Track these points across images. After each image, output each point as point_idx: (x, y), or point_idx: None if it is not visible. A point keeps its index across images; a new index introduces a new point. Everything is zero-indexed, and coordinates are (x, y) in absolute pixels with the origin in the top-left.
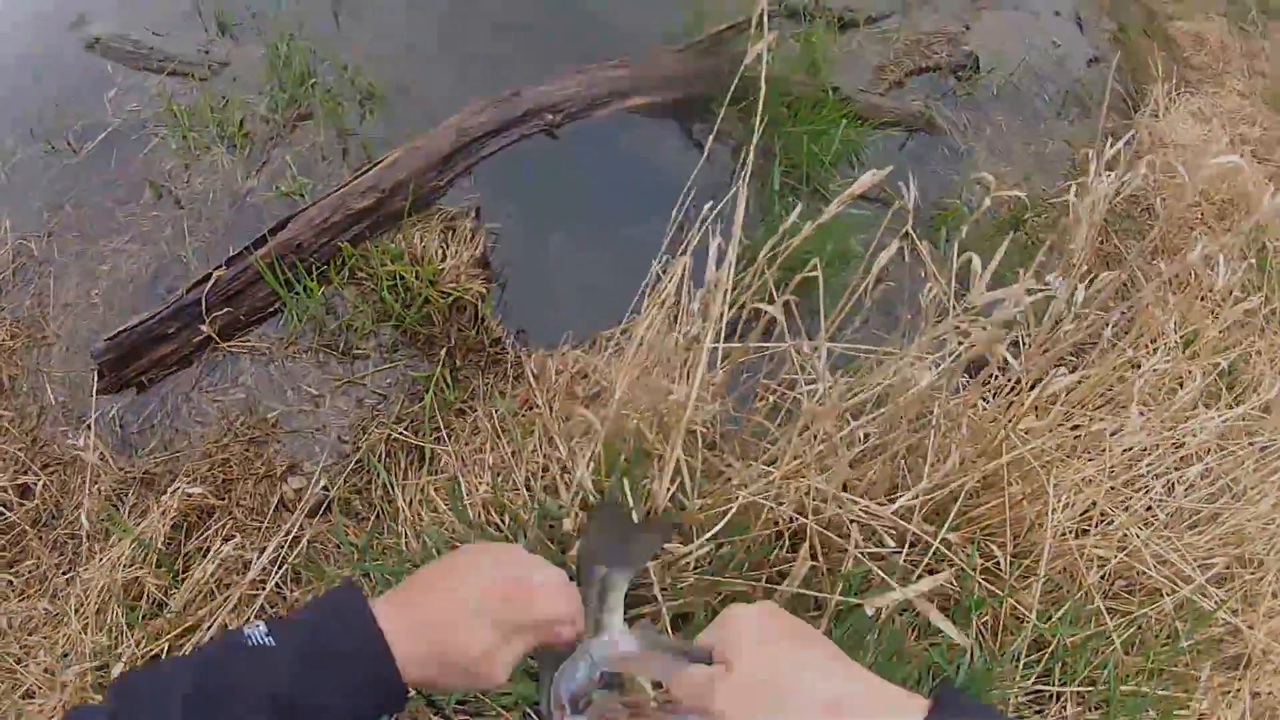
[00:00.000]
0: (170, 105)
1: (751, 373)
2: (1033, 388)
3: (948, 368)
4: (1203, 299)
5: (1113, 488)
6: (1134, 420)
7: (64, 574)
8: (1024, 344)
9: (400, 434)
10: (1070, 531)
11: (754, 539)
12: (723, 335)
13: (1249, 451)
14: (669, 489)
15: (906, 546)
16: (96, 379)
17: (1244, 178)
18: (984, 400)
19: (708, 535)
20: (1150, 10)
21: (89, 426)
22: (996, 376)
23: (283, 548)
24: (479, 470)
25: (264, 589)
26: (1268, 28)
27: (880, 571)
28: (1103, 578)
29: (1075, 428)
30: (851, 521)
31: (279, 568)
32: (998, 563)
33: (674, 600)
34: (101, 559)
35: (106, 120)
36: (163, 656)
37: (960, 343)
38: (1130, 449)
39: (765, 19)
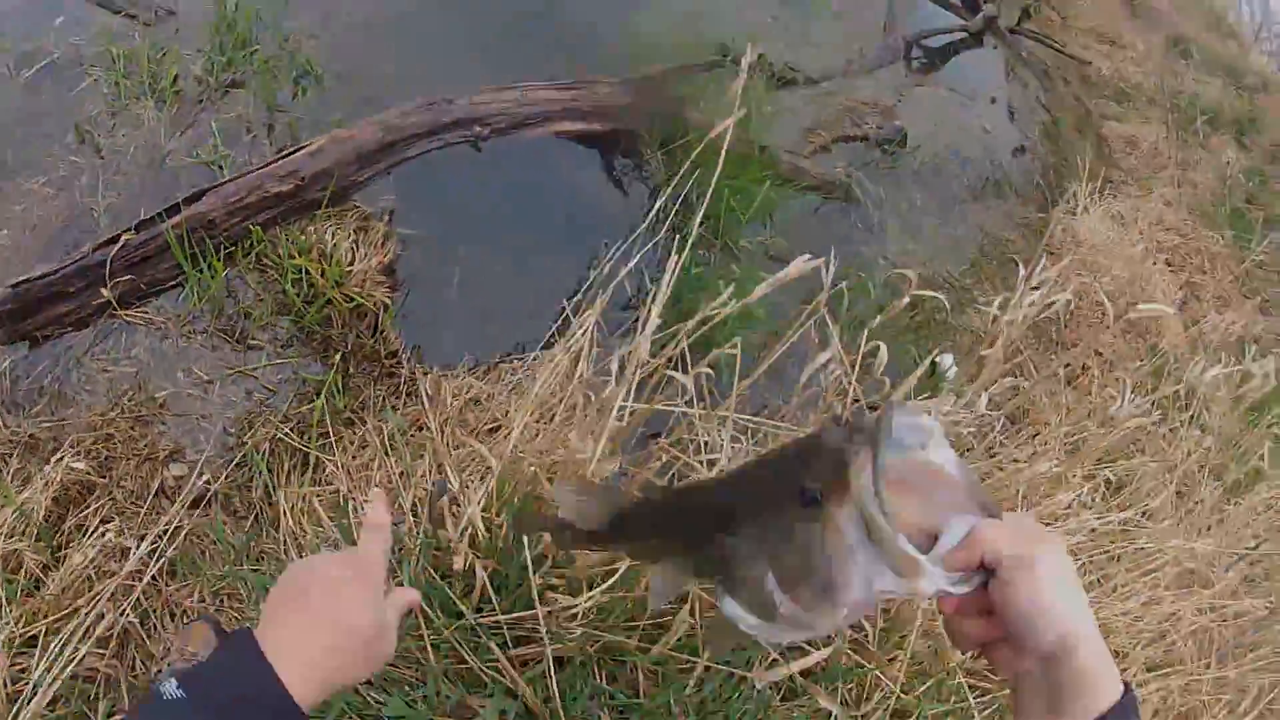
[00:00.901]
0: (110, 46)
1: (649, 426)
2: None
3: None
4: (1092, 415)
5: None
6: None
7: None
8: None
9: (286, 435)
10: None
11: (639, 597)
12: (632, 393)
13: (1126, 552)
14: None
15: None
16: None
17: (1153, 287)
18: None
19: (598, 590)
20: (1088, 108)
21: None
22: None
23: (161, 539)
24: (365, 487)
25: (141, 580)
26: (1209, 140)
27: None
28: (973, 657)
29: None
30: None
31: (156, 559)
32: (866, 635)
33: (558, 645)
34: None
35: (49, 49)
36: (39, 639)
37: None
38: None
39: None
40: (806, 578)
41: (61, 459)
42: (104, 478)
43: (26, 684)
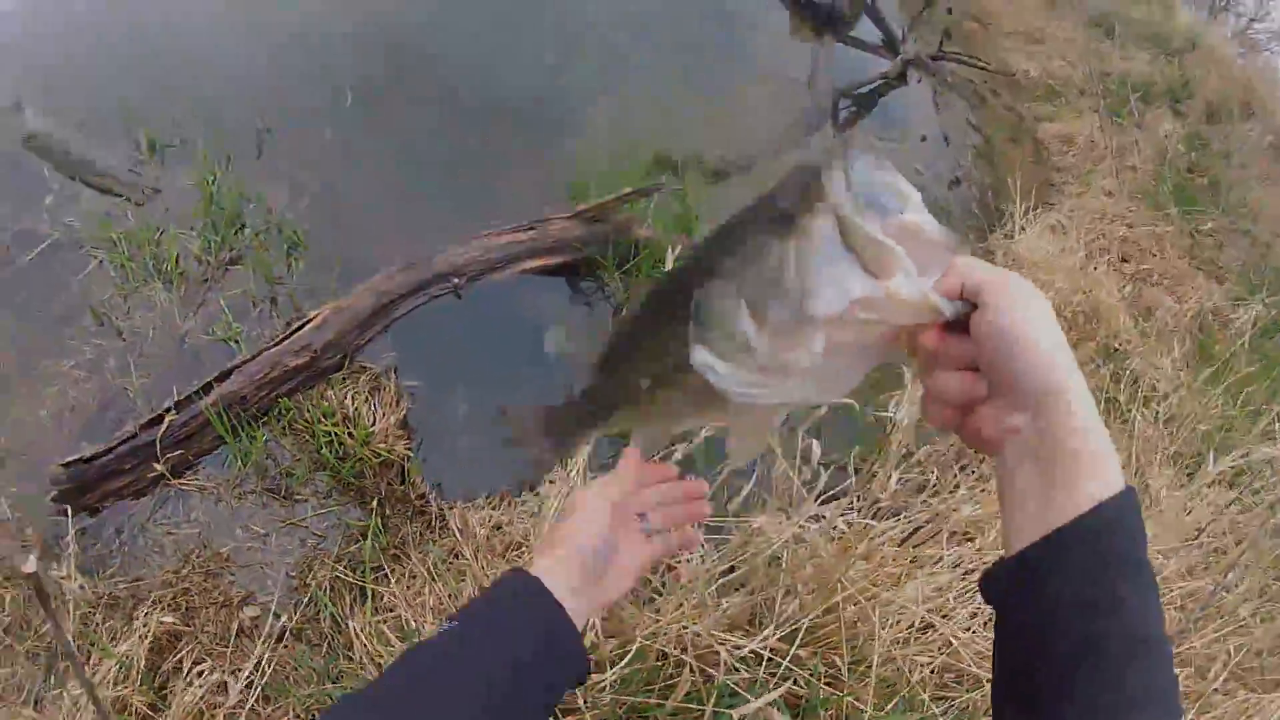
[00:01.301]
0: (109, 230)
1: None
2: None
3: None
4: None
5: (938, 604)
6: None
7: (52, 690)
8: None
9: (341, 573)
10: (898, 641)
11: (650, 667)
12: None
13: None
14: (585, 633)
15: (765, 661)
16: (54, 502)
17: (1101, 289)
18: (830, 539)
19: (619, 666)
20: (1020, 115)
21: (68, 556)
22: (836, 527)
23: (254, 672)
24: (421, 610)
25: (244, 708)
26: (1144, 117)
27: (740, 689)
28: (932, 672)
29: (914, 560)
30: (720, 645)
31: (253, 691)
32: (839, 670)
33: (595, 711)
34: (91, 676)
35: (45, 231)
36: None
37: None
38: (957, 565)
39: None
40: (778, 297)
41: (149, 614)
42: (189, 625)
43: None
